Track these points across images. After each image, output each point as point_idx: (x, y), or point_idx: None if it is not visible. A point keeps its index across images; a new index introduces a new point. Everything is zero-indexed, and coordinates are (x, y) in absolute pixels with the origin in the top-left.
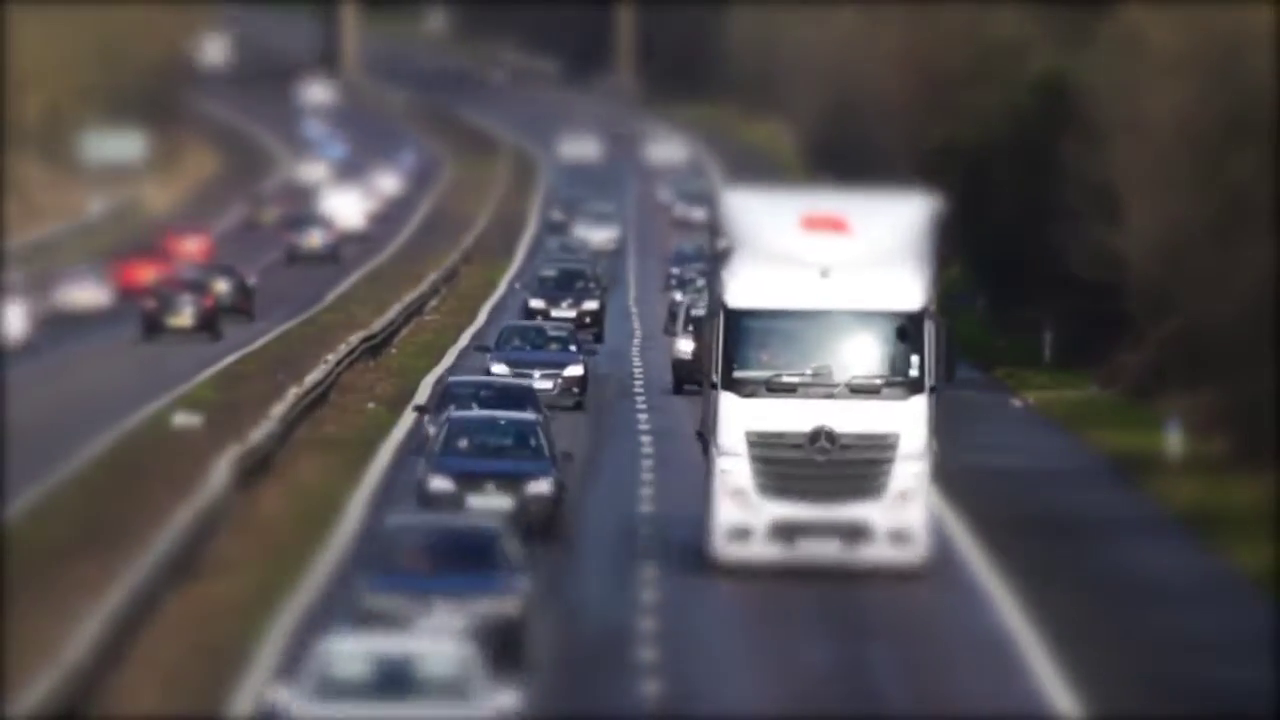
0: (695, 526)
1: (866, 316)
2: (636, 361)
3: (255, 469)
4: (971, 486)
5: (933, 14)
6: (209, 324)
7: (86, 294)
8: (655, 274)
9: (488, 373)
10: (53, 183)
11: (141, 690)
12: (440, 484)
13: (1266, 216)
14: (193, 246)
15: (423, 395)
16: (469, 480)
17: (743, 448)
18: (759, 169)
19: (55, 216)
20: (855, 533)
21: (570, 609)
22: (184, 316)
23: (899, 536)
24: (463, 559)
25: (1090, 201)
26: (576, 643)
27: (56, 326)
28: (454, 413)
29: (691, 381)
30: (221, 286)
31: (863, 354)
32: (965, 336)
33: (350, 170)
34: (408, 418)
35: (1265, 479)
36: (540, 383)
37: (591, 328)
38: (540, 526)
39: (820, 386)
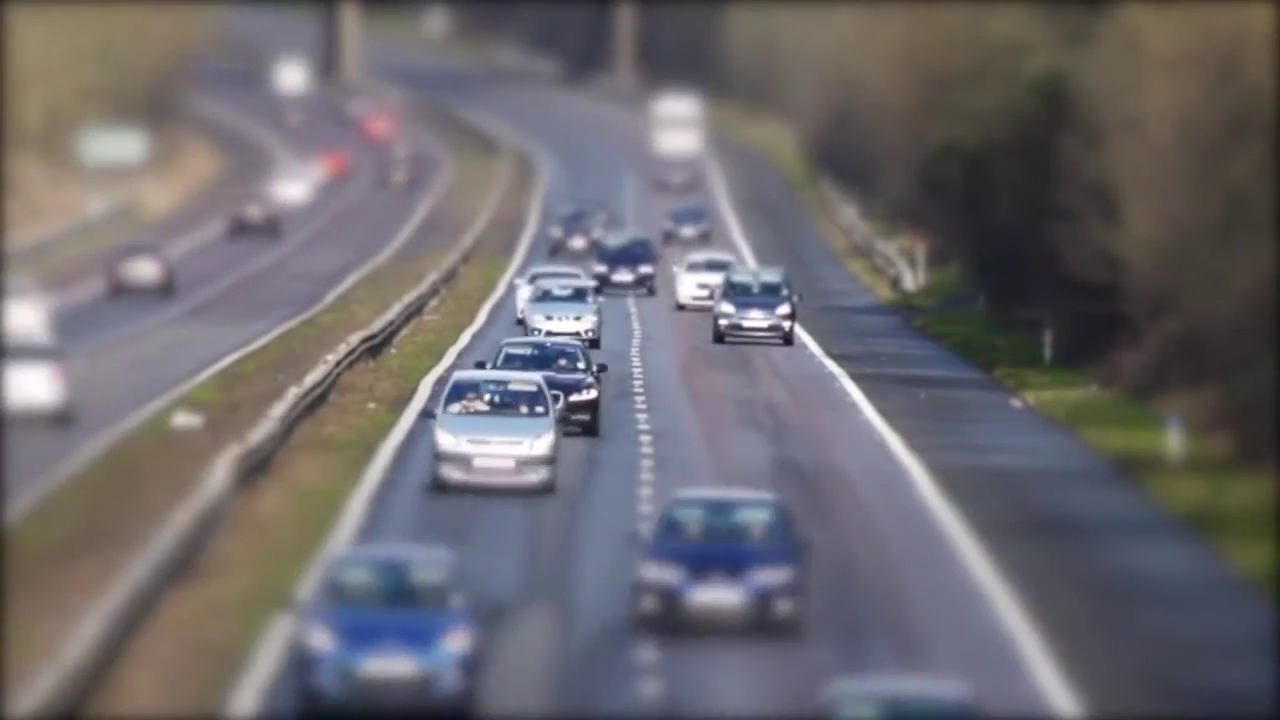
0: None
1: None
2: (636, 361)
3: (255, 469)
4: (971, 486)
5: (933, 14)
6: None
7: (146, 269)
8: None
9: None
10: (53, 183)
11: (141, 690)
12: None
13: (1266, 216)
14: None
15: (423, 396)
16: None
17: None
18: (759, 169)
19: (55, 216)
20: None
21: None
22: None
23: None
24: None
25: (1090, 201)
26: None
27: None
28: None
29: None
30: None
31: None
32: (965, 336)
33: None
34: (408, 418)
35: (1265, 479)
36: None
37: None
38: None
39: None
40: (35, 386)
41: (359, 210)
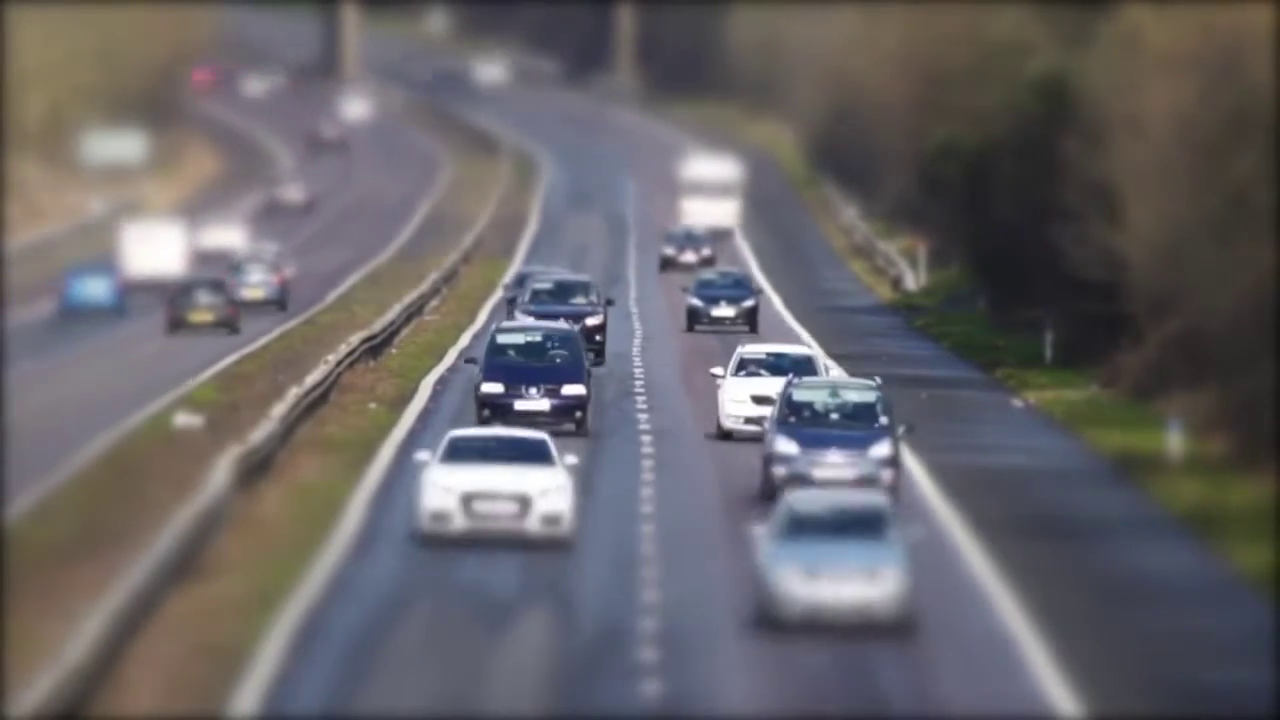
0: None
1: None
2: (638, 361)
3: (256, 469)
4: (972, 487)
5: (933, 14)
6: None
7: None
8: (655, 273)
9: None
10: (53, 183)
11: (142, 690)
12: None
13: (1266, 216)
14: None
15: (423, 396)
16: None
17: None
18: (760, 169)
19: (56, 217)
20: None
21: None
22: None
23: None
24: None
25: (1091, 201)
26: None
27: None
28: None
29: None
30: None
31: None
32: (966, 336)
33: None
34: (409, 418)
35: (1266, 479)
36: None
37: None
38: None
39: None
40: None
41: (360, 210)
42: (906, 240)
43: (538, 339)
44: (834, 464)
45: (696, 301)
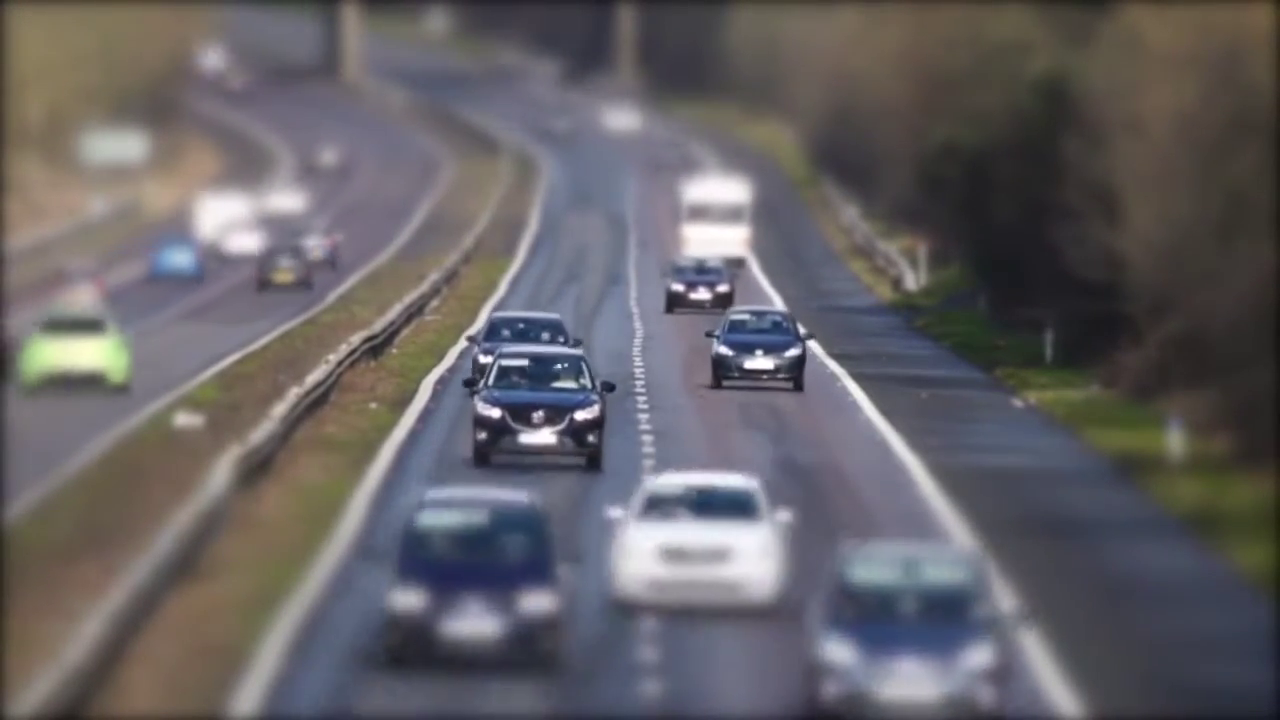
0: None
1: None
2: (638, 361)
3: (256, 469)
4: (972, 486)
5: (933, 14)
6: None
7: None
8: (656, 274)
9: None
10: (54, 183)
11: (142, 690)
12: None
13: (1266, 216)
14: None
15: (424, 396)
16: None
17: None
18: (760, 169)
19: (56, 216)
20: None
21: None
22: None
23: None
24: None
25: (1091, 201)
26: None
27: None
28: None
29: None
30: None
31: None
32: (966, 336)
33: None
34: (409, 417)
35: (1266, 479)
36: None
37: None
38: None
39: None
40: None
41: (360, 210)
42: (906, 240)
43: (478, 524)
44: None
45: (725, 350)
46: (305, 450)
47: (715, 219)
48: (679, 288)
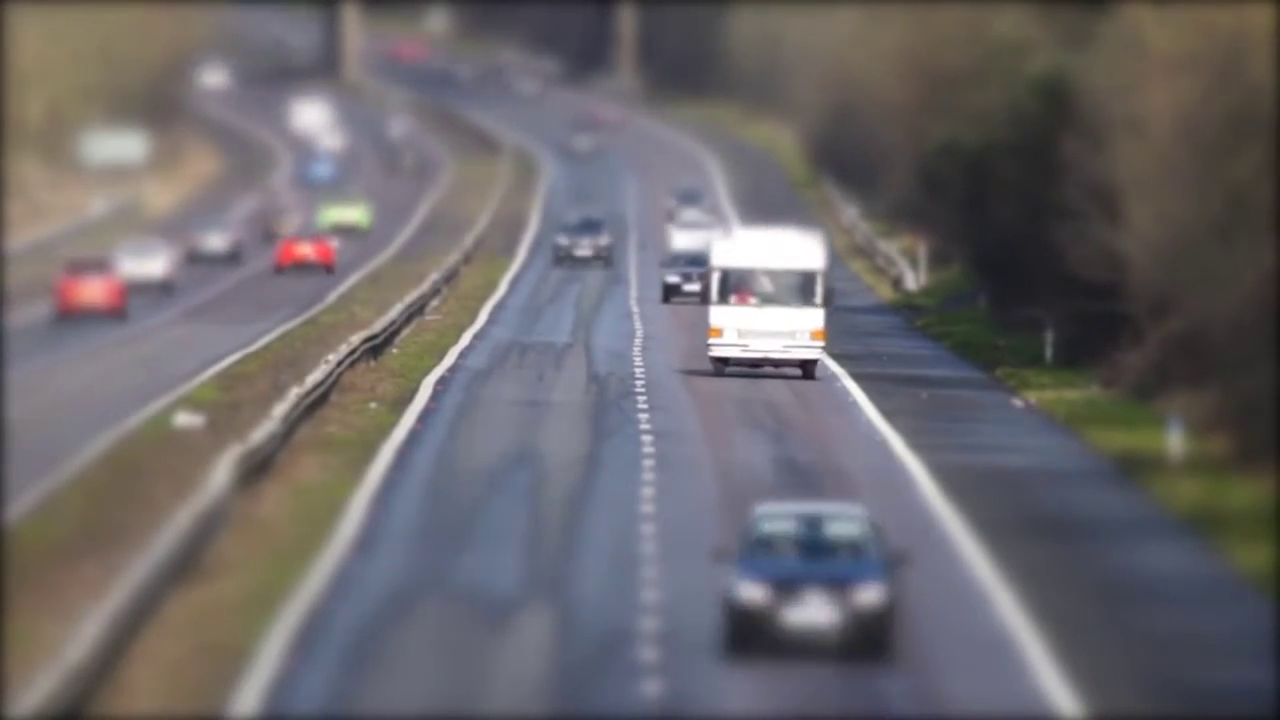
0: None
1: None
2: (638, 361)
3: (256, 469)
4: (972, 486)
5: (933, 14)
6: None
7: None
8: (655, 273)
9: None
10: (54, 183)
11: (143, 690)
12: None
13: (1266, 216)
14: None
15: (424, 396)
16: None
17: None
18: (761, 168)
19: (57, 216)
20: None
21: None
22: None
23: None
24: None
25: (1091, 201)
26: None
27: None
28: None
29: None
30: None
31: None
32: (967, 336)
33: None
34: (409, 417)
35: (1266, 479)
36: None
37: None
38: None
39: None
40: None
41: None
42: (907, 240)
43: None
44: None
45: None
46: (305, 450)
47: (771, 297)
48: (674, 279)
